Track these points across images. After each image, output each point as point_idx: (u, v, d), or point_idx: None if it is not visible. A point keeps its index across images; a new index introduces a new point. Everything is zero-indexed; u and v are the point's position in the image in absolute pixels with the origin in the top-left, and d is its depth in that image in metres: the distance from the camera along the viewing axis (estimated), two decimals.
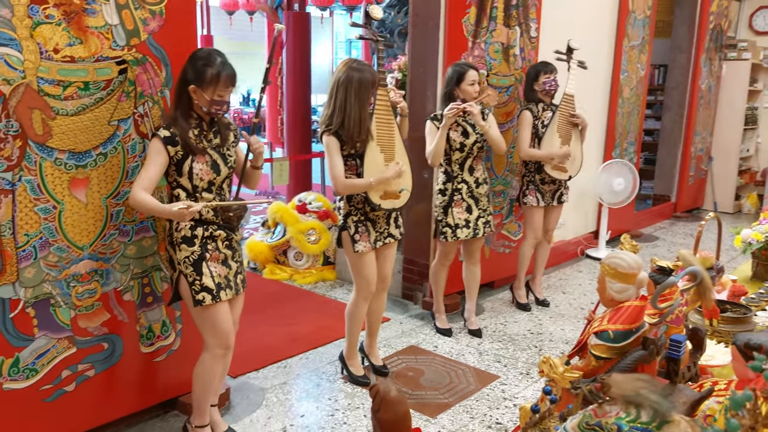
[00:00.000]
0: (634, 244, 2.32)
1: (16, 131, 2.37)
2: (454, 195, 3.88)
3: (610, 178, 5.76)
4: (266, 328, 4.21)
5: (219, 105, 2.54)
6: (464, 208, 3.89)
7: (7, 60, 2.31)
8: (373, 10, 3.20)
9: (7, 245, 2.40)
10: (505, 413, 3.22)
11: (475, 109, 3.67)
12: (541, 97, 4.34)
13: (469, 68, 3.78)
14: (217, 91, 2.51)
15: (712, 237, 3.42)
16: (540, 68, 4.30)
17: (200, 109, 2.56)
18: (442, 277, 4.13)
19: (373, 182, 3.11)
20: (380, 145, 3.16)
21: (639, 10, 6.30)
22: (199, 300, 2.56)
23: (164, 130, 2.49)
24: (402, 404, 1.57)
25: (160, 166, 2.49)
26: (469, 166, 3.87)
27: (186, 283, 2.57)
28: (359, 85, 3.04)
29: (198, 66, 2.50)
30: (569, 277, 5.51)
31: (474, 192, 3.90)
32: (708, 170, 8.40)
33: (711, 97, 8.07)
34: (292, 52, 8.08)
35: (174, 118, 2.53)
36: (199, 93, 2.50)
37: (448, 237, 3.89)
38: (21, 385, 2.49)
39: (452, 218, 3.88)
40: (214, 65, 2.50)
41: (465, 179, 3.88)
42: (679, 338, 1.92)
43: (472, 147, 3.82)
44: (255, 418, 3.13)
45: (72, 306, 2.61)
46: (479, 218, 3.93)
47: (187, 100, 2.53)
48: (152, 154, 2.48)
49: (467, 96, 3.74)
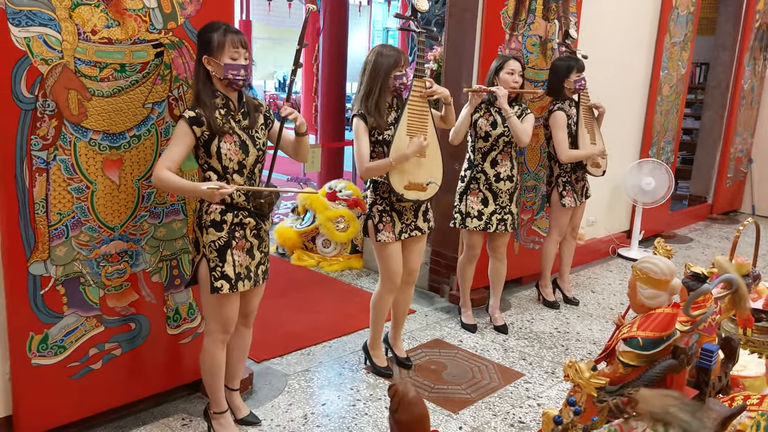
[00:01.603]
0: (668, 248, 2.27)
1: (52, 111, 2.39)
2: (471, 183, 3.85)
3: (640, 177, 5.64)
4: (291, 314, 4.23)
5: (235, 69, 2.46)
6: (479, 199, 3.85)
7: (46, 40, 2.33)
8: (419, 2, 3.16)
9: (40, 223, 2.43)
10: (528, 412, 3.19)
11: (501, 92, 3.63)
12: (569, 94, 4.25)
13: (510, 58, 3.76)
14: (228, 53, 2.44)
15: (750, 242, 3.33)
16: (573, 65, 4.18)
17: (221, 84, 2.50)
18: (468, 272, 4.10)
19: (393, 161, 3.07)
20: (410, 134, 3.13)
21: (682, 6, 6.14)
22: (217, 287, 2.53)
23: (189, 110, 2.46)
24: (420, 405, 1.55)
25: (185, 147, 2.45)
26: (493, 158, 3.82)
27: (207, 267, 2.54)
28: (381, 64, 3.05)
29: (204, 36, 2.47)
30: (599, 276, 5.43)
31: (492, 185, 3.84)
32: (747, 172, 8.21)
33: (753, 97, 7.87)
34: (328, 40, 8.06)
35: (197, 96, 2.49)
36: (213, 61, 2.45)
37: (457, 223, 3.89)
38: (49, 362, 2.54)
39: (465, 206, 3.86)
40: (218, 29, 2.46)
41: (484, 170, 3.83)
42: (711, 347, 1.88)
43: (498, 139, 3.76)
44: (276, 404, 3.15)
45: (101, 285, 2.64)
46: (494, 213, 3.87)
47: (205, 75, 2.49)
48: (178, 135, 2.45)
49: (505, 84, 3.71)
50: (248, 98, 2.63)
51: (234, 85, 2.50)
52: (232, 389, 2.94)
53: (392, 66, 3.07)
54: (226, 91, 2.53)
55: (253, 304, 2.81)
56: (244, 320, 2.82)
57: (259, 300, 2.84)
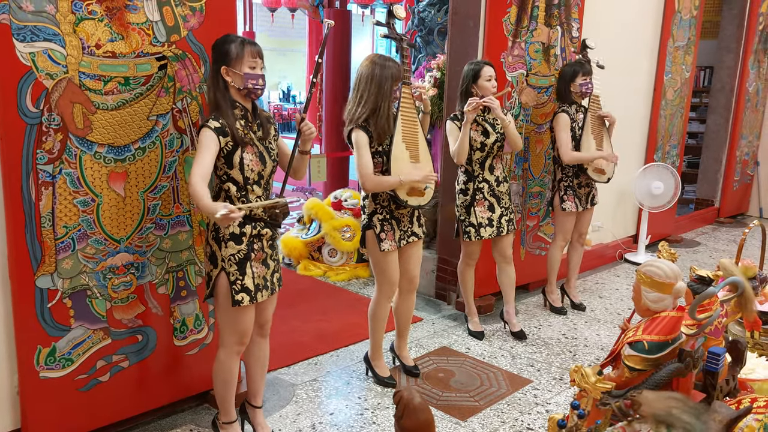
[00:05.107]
0: (671, 252, 2.26)
1: (57, 125, 2.41)
2: (476, 194, 3.85)
3: (649, 181, 5.64)
4: (298, 324, 4.23)
5: (254, 78, 2.49)
6: (486, 207, 3.86)
7: (51, 55, 2.36)
8: (396, 9, 3.18)
9: (46, 236, 2.45)
10: (536, 419, 3.18)
11: (494, 103, 3.63)
12: (576, 98, 4.26)
13: (484, 64, 3.75)
14: (247, 63, 2.47)
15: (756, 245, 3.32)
16: (578, 69, 4.21)
17: (240, 94, 2.52)
18: (468, 278, 4.09)
19: (403, 180, 3.09)
20: (405, 141, 3.16)
21: (685, 10, 6.14)
22: (238, 300, 2.52)
23: (213, 121, 2.45)
24: (426, 412, 1.55)
25: (213, 156, 2.43)
26: (489, 165, 3.83)
27: (227, 281, 2.52)
28: (381, 78, 3.04)
29: (221, 48, 2.49)
30: (606, 281, 5.41)
31: (495, 190, 3.86)
32: (754, 175, 8.17)
33: (759, 99, 7.84)
34: (332, 50, 8.10)
35: (217, 108, 2.49)
36: (231, 72, 2.47)
37: (472, 236, 3.86)
38: (57, 374, 2.55)
39: (475, 217, 3.85)
40: (235, 40, 2.48)
41: (486, 178, 3.84)
42: (717, 351, 1.87)
43: (493, 146, 3.78)
44: (284, 414, 3.15)
45: (108, 298, 2.66)
46: (502, 216, 3.89)
47: (223, 86, 2.50)
48: (205, 144, 2.41)
49: (485, 92, 3.70)
50: (260, 110, 2.66)
51: (253, 94, 2.53)
52: (256, 407, 2.91)
53: (397, 77, 3.09)
54: (243, 101, 2.55)
55: (267, 312, 2.79)
56: (260, 330, 2.80)
57: (274, 308, 2.82)
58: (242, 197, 2.53)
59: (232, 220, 2.25)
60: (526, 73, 4.46)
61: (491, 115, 3.78)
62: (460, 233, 3.93)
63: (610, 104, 4.55)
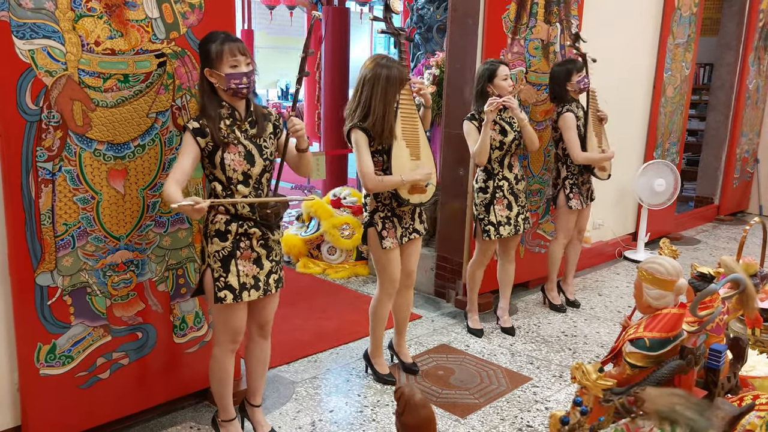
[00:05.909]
0: (673, 249, 2.26)
1: (57, 122, 2.41)
2: (496, 192, 3.85)
3: (651, 178, 5.64)
4: (298, 321, 4.23)
5: (237, 78, 2.42)
6: (505, 206, 3.87)
7: (50, 52, 2.35)
8: (393, 2, 3.16)
9: (46, 234, 2.44)
10: (536, 416, 3.18)
11: (514, 102, 3.65)
12: (574, 96, 4.26)
13: (500, 64, 3.75)
14: (228, 63, 2.41)
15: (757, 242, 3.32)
16: (571, 67, 4.21)
17: (227, 94, 2.48)
18: (478, 277, 4.09)
19: (405, 180, 3.09)
20: (405, 140, 3.15)
21: (685, 7, 6.14)
22: (221, 297, 2.51)
23: (193, 121, 2.44)
24: (426, 408, 1.54)
25: (192, 158, 2.43)
26: (508, 163, 3.85)
27: (211, 277, 2.53)
28: (386, 83, 3.00)
29: (203, 48, 2.46)
30: (606, 278, 5.41)
31: (514, 188, 3.89)
32: (754, 172, 8.17)
33: (759, 97, 7.84)
34: (330, 47, 8.09)
35: (202, 108, 2.48)
36: (215, 73, 2.43)
37: (492, 235, 3.85)
38: (57, 372, 2.54)
39: (495, 216, 3.85)
40: (215, 39, 2.43)
41: (506, 176, 3.85)
42: (719, 348, 1.87)
43: (511, 144, 3.79)
44: (284, 411, 3.15)
45: (108, 295, 2.65)
46: (519, 215, 3.92)
47: (209, 88, 2.47)
48: (185, 146, 2.44)
49: (502, 91, 3.69)
50: (256, 107, 2.60)
51: (239, 94, 2.47)
52: (255, 405, 2.90)
53: (404, 80, 3.07)
54: (231, 100, 2.50)
55: (267, 313, 2.77)
56: (260, 330, 2.80)
57: (274, 309, 2.80)
58: (227, 197, 2.51)
59: (198, 212, 2.25)
60: (526, 70, 4.46)
61: (507, 113, 3.78)
62: (479, 233, 3.92)
63: (609, 101, 4.55)
